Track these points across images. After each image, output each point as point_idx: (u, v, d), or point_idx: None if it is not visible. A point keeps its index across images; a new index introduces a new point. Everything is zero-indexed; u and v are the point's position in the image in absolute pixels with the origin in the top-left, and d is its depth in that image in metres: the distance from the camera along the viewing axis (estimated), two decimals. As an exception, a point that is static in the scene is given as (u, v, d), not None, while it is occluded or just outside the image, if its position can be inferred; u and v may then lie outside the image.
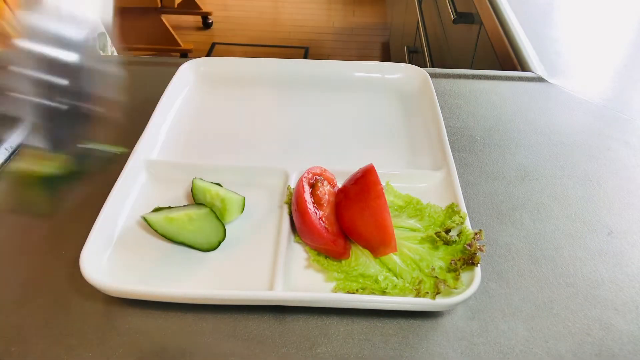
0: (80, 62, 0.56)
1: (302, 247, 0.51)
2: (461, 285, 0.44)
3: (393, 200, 0.54)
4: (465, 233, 0.49)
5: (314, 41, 3.18)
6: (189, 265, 0.49)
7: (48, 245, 0.51)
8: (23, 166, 0.61)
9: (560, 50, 0.91)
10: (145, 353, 0.42)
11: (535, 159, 0.65)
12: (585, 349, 0.44)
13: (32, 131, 0.56)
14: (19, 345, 0.43)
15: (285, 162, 0.63)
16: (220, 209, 0.53)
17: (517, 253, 0.52)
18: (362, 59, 0.74)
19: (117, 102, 0.60)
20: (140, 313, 0.46)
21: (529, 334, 0.45)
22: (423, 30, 1.72)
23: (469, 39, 1.22)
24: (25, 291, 0.47)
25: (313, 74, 0.76)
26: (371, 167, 0.52)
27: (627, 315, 0.47)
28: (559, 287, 0.49)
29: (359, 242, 0.49)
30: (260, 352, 0.43)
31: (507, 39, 0.95)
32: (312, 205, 0.50)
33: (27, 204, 0.58)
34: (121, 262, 0.49)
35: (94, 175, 0.60)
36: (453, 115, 0.73)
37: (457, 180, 0.56)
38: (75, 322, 0.45)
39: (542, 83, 0.81)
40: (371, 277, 0.46)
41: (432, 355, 0.43)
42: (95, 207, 0.51)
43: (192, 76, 0.75)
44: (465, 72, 0.83)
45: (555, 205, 0.58)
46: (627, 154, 0.66)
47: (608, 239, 0.54)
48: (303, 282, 0.48)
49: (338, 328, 0.45)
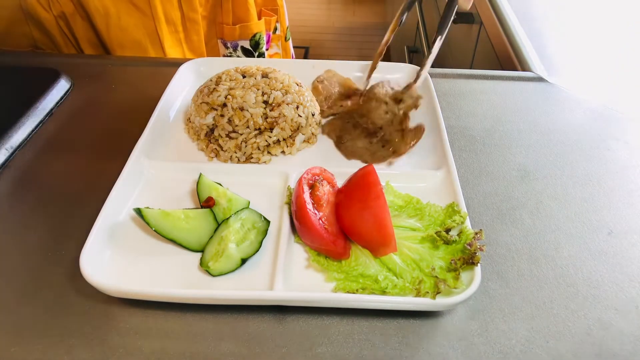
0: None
1: (302, 247, 0.51)
2: (461, 285, 0.44)
3: (393, 200, 0.54)
4: (466, 233, 0.49)
5: (314, 41, 3.18)
6: (189, 265, 0.49)
7: (48, 245, 0.51)
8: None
9: (560, 50, 0.91)
10: (145, 353, 0.43)
11: (535, 159, 0.65)
12: (585, 349, 0.44)
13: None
14: (19, 345, 0.43)
15: (285, 163, 0.63)
16: (225, 208, 0.53)
17: (517, 253, 0.52)
18: (362, 59, 0.74)
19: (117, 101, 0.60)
20: (140, 313, 0.46)
21: (529, 334, 0.45)
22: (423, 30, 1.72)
23: (469, 39, 1.22)
24: (25, 291, 0.47)
25: (313, 74, 0.76)
26: (371, 167, 0.52)
27: (627, 315, 0.47)
28: (559, 287, 0.49)
29: (359, 242, 0.49)
30: (260, 352, 0.43)
31: (507, 39, 0.95)
32: (311, 206, 0.50)
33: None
34: (121, 262, 0.49)
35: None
36: (453, 115, 0.73)
37: (457, 180, 0.56)
38: (75, 322, 0.45)
39: (542, 83, 0.81)
40: (371, 277, 0.46)
41: (432, 355, 0.43)
42: (95, 207, 0.51)
43: (192, 76, 0.75)
44: (465, 72, 0.83)
45: (555, 205, 0.58)
46: (627, 154, 0.66)
47: (608, 239, 0.54)
48: (303, 282, 0.48)
49: (338, 328, 0.45)
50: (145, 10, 0.82)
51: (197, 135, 0.64)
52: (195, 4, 0.86)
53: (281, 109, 0.62)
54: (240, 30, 0.93)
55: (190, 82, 0.74)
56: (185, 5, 0.85)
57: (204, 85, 0.65)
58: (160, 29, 0.84)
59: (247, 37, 0.94)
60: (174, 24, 0.86)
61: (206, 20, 0.91)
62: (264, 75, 0.65)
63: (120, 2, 0.81)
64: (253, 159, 0.62)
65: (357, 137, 0.64)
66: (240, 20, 0.93)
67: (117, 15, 0.82)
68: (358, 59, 0.80)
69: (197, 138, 0.64)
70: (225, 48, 0.95)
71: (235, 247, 0.49)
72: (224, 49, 0.95)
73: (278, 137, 0.62)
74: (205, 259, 0.49)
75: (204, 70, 0.75)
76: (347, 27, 3.35)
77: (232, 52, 0.95)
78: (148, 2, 0.82)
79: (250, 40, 0.94)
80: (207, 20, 0.91)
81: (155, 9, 0.82)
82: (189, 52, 0.91)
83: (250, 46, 0.95)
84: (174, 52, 0.88)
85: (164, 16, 0.84)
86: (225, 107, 0.61)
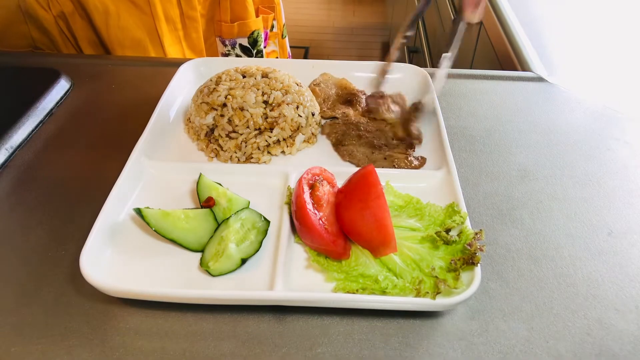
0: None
1: (302, 248, 0.51)
2: (461, 285, 0.44)
3: (393, 200, 0.54)
4: (466, 233, 0.49)
5: (314, 41, 3.18)
6: (189, 265, 0.49)
7: (48, 245, 0.51)
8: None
9: (560, 50, 0.91)
10: (145, 353, 0.42)
11: (535, 159, 0.65)
12: (585, 349, 0.44)
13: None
14: (19, 345, 0.43)
15: (285, 163, 0.63)
16: (225, 208, 0.53)
17: (517, 253, 0.52)
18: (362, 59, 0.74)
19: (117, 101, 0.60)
20: (140, 313, 0.46)
21: (529, 334, 0.45)
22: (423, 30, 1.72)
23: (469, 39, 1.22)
24: (25, 291, 0.47)
25: (313, 74, 0.76)
26: (371, 167, 0.52)
27: (627, 315, 0.47)
28: (559, 287, 0.49)
29: (359, 242, 0.49)
30: (260, 352, 0.43)
31: (507, 39, 0.95)
32: (311, 206, 0.50)
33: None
34: (121, 262, 0.49)
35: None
36: (453, 115, 0.73)
37: (457, 180, 0.56)
38: (75, 322, 0.45)
39: (542, 83, 0.81)
40: (371, 277, 0.46)
41: (432, 355, 0.43)
42: (95, 207, 0.51)
43: (192, 76, 0.75)
44: (465, 72, 0.83)
45: (555, 205, 0.58)
46: (627, 154, 0.66)
47: (608, 239, 0.54)
48: (303, 282, 0.48)
49: (338, 328, 0.45)
50: (144, 8, 0.82)
51: (197, 135, 0.64)
52: (194, 2, 0.86)
53: (281, 109, 0.62)
54: (239, 27, 0.93)
55: (190, 82, 0.74)
56: (184, 3, 0.85)
57: (204, 85, 0.65)
58: (159, 27, 0.85)
59: (245, 35, 0.94)
60: (173, 22, 0.86)
61: (205, 18, 0.91)
62: (264, 75, 0.65)
63: (120, 0, 0.81)
64: (253, 159, 0.62)
65: (360, 145, 0.64)
66: (239, 18, 0.93)
67: (117, 13, 0.82)
68: (358, 59, 0.80)
69: (197, 138, 0.64)
70: (224, 46, 0.95)
71: (235, 247, 0.49)
72: (222, 47, 0.95)
73: (278, 137, 0.62)
74: (205, 259, 0.49)
75: (204, 70, 0.75)
76: (347, 27, 3.36)
77: (230, 49, 0.95)
78: (147, 1, 0.82)
79: (249, 37, 0.95)
80: (205, 18, 0.91)
81: (154, 7, 0.82)
82: (188, 49, 0.91)
83: (248, 44, 0.95)
84: (174, 50, 0.88)
85: (163, 14, 0.84)
86: (225, 107, 0.61)
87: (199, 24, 0.89)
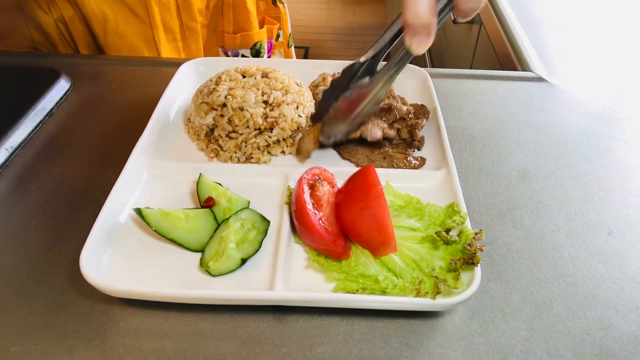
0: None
1: (302, 248, 0.51)
2: (461, 285, 0.44)
3: (393, 200, 0.54)
4: (466, 233, 0.49)
5: (314, 41, 3.18)
6: (189, 265, 0.49)
7: (48, 245, 0.51)
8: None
9: (560, 50, 0.91)
10: (145, 353, 0.42)
11: (535, 159, 0.65)
12: (585, 349, 0.44)
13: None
14: (19, 345, 0.43)
15: (285, 163, 0.63)
16: (225, 208, 0.53)
17: (517, 253, 0.52)
18: (362, 59, 0.74)
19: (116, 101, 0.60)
20: (140, 313, 0.46)
21: (529, 334, 0.45)
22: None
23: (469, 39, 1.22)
24: (25, 291, 0.47)
25: (313, 73, 0.76)
26: (371, 167, 0.52)
27: (627, 315, 0.47)
28: (559, 287, 0.49)
29: (359, 242, 0.49)
30: (260, 352, 0.43)
31: (507, 39, 0.95)
32: (311, 206, 0.50)
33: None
34: (121, 262, 0.49)
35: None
36: (453, 115, 0.73)
37: (457, 180, 0.56)
38: (75, 322, 0.45)
39: (542, 83, 0.81)
40: (371, 277, 0.46)
41: (432, 355, 0.43)
42: (95, 207, 0.51)
43: (192, 76, 0.75)
44: (465, 72, 0.83)
45: (555, 205, 0.58)
46: (627, 154, 0.66)
47: (608, 239, 0.54)
48: (303, 282, 0.48)
49: (338, 328, 0.45)
50: (143, 17, 0.82)
51: (197, 135, 0.64)
52: (194, 13, 0.85)
53: (281, 109, 0.62)
54: (241, 39, 0.93)
55: (190, 82, 0.74)
56: (184, 14, 0.84)
57: (204, 85, 0.65)
58: (157, 37, 0.84)
59: (247, 46, 0.94)
60: (172, 33, 0.85)
61: (206, 28, 0.90)
62: (264, 75, 0.65)
63: (118, 8, 0.81)
64: (253, 159, 0.62)
65: (359, 145, 0.64)
66: (242, 29, 0.92)
67: (115, 21, 0.82)
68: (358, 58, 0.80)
69: (197, 138, 0.64)
70: (226, 56, 0.94)
71: (235, 247, 0.49)
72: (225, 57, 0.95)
73: (278, 137, 0.62)
74: (205, 259, 0.49)
75: (204, 70, 0.75)
76: (347, 27, 3.36)
77: None
78: (146, 9, 0.81)
79: (251, 49, 0.94)
80: (207, 29, 0.91)
81: (153, 17, 0.81)
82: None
83: (251, 54, 0.95)
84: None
85: (162, 24, 0.83)
86: (225, 107, 0.61)
87: (199, 35, 0.88)
